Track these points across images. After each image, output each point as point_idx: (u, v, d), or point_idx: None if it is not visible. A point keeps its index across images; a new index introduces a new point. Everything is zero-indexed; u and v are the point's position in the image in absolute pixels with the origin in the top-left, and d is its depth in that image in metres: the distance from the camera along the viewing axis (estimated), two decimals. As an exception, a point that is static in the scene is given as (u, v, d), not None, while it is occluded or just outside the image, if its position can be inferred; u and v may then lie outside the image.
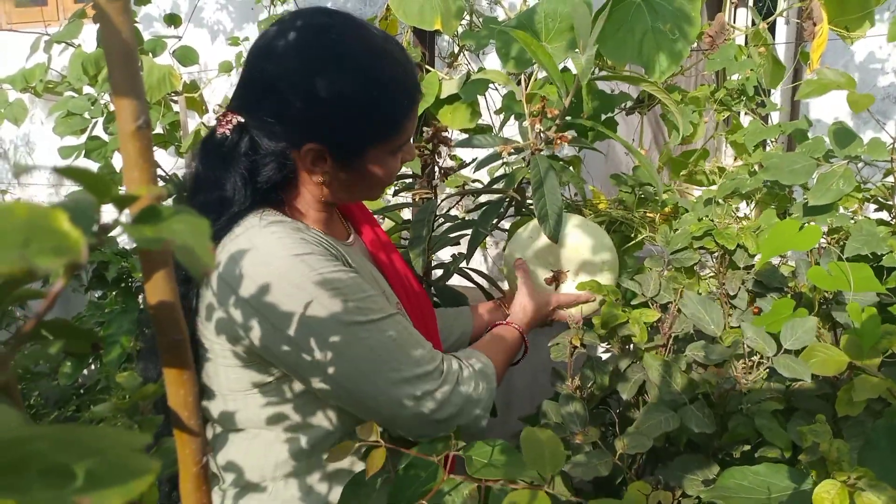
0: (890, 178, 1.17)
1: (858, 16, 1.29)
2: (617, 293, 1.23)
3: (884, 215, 1.23)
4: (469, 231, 1.31)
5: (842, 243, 1.14)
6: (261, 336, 0.81)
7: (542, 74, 1.37)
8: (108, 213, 0.26)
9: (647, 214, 1.38)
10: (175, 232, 0.21)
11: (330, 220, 0.98)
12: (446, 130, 1.43)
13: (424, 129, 1.42)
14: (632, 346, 1.19)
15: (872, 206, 1.24)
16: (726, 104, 1.48)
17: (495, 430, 1.07)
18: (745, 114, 1.48)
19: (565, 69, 1.29)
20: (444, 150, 1.42)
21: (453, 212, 1.75)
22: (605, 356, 1.25)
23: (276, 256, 0.81)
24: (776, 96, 2.29)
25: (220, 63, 2.12)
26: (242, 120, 0.86)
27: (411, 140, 0.95)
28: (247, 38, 2.14)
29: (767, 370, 0.99)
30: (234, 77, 2.50)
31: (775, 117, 2.14)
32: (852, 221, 1.09)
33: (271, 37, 0.85)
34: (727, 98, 1.40)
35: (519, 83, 1.36)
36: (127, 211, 0.26)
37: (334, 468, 0.89)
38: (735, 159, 1.64)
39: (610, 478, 1.01)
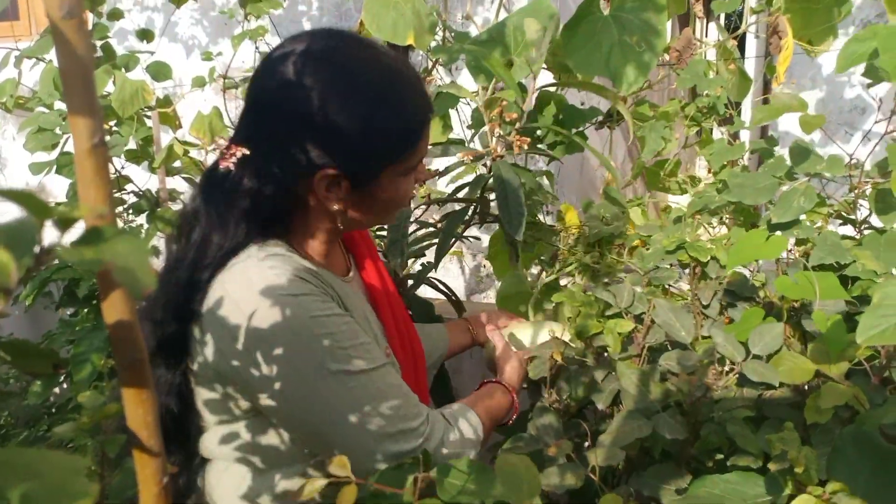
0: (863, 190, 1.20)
1: (822, 28, 1.32)
2: (593, 305, 1.24)
3: (849, 230, 1.25)
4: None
5: (808, 254, 1.16)
6: (242, 372, 0.79)
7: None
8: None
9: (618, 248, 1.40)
10: (116, 254, 0.20)
11: (332, 253, 0.96)
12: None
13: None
14: (606, 355, 1.20)
15: (839, 222, 1.27)
16: (696, 120, 1.50)
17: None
18: (716, 129, 1.51)
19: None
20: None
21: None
22: (574, 368, 1.26)
23: (269, 293, 0.79)
24: (746, 108, 2.33)
25: (194, 78, 2.12)
26: (248, 152, 0.82)
27: (423, 160, 0.94)
28: (220, 53, 2.13)
29: (738, 376, 1.01)
30: (209, 92, 2.49)
31: (746, 130, 2.17)
32: (817, 234, 1.11)
33: (276, 62, 0.82)
34: (697, 114, 1.43)
35: (484, 90, 1.37)
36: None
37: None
38: (709, 171, 1.67)
39: (584, 489, 1.01)
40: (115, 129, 1.91)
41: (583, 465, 0.98)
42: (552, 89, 1.41)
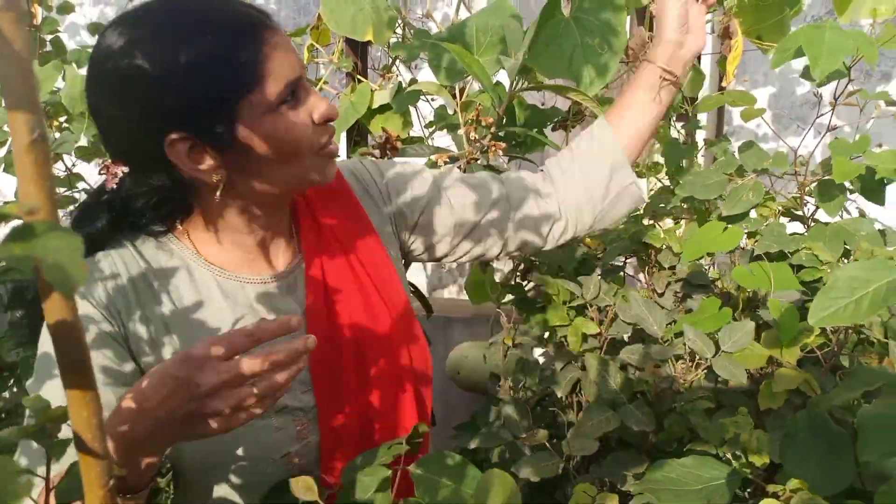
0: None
1: (773, 24, 1.35)
2: (565, 294, 1.26)
3: (799, 226, 1.29)
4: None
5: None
6: None
7: (476, 87, 1.39)
8: None
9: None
10: (47, 250, 0.20)
11: (248, 249, 0.85)
12: (398, 138, 1.42)
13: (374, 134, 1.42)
14: (564, 346, 1.22)
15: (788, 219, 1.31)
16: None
17: (436, 440, 1.08)
18: (673, 127, 1.54)
19: (498, 82, 1.31)
20: (391, 156, 1.42)
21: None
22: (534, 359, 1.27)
23: None
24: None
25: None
26: (126, 169, 0.76)
27: (303, 88, 0.79)
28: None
29: (705, 370, 1.03)
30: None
31: (704, 122, 2.20)
32: (765, 225, 1.15)
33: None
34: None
35: (454, 95, 1.37)
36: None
37: None
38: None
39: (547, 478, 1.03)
40: (65, 125, 1.85)
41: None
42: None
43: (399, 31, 1.54)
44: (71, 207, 2.21)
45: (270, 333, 0.64)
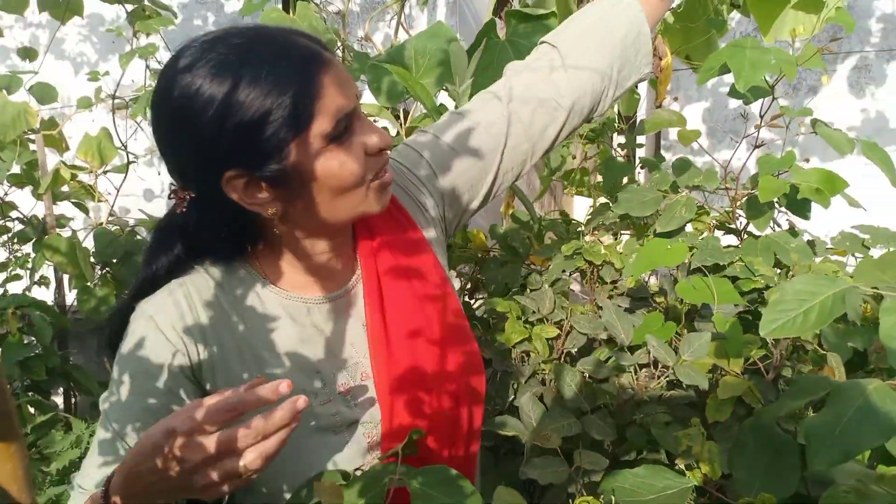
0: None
1: (699, 42, 1.40)
2: (518, 311, 1.27)
3: (733, 239, 1.34)
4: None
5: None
6: None
7: (421, 109, 1.39)
8: None
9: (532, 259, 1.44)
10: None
11: (314, 269, 0.87)
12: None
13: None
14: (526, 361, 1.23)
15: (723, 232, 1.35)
16: (595, 134, 1.56)
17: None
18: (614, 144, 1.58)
19: (442, 105, 1.32)
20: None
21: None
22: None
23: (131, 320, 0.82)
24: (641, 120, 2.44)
25: (79, 99, 2.01)
26: (193, 195, 0.78)
27: (358, 118, 0.79)
28: (107, 73, 2.03)
29: (667, 380, 1.05)
30: (100, 112, 2.38)
31: (642, 141, 2.26)
32: (700, 238, 1.18)
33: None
34: (590, 133, 1.48)
35: (397, 117, 1.37)
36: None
37: None
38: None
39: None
40: (-5, 153, 1.79)
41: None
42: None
43: (339, 53, 1.53)
44: (4, 237, 2.12)
45: (255, 403, 0.65)
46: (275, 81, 0.72)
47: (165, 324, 0.80)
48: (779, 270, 1.18)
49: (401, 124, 1.27)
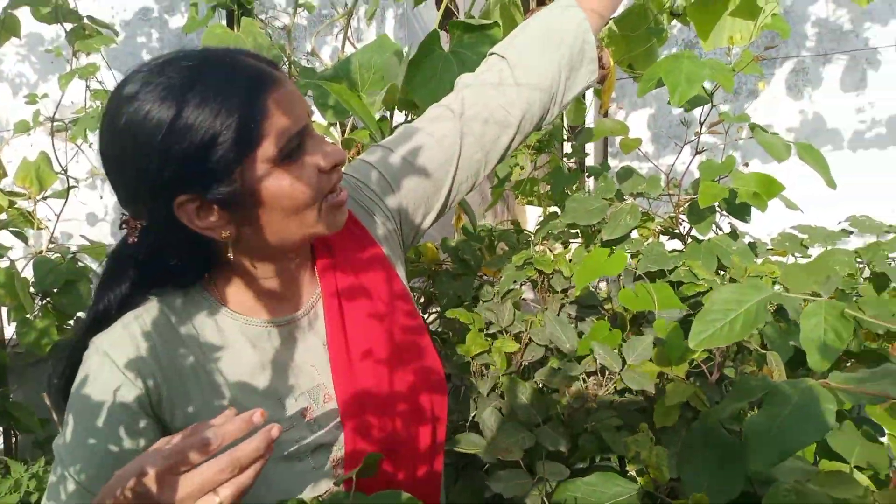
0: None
1: (641, 51, 1.43)
2: (481, 323, 1.28)
3: (678, 243, 1.36)
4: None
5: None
6: None
7: (361, 123, 1.39)
8: None
9: (484, 270, 1.45)
10: None
11: (270, 293, 0.86)
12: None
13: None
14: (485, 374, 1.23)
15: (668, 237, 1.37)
16: (542, 144, 1.58)
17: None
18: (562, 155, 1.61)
19: (383, 118, 1.32)
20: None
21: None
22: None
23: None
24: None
25: (16, 123, 1.95)
26: (145, 223, 0.77)
27: (310, 136, 0.78)
28: (45, 95, 1.98)
29: (617, 388, 1.06)
30: (40, 135, 2.31)
31: (590, 149, 2.30)
32: (646, 245, 1.20)
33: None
34: (538, 143, 1.50)
35: (344, 132, 1.37)
36: None
37: None
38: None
39: None
40: None
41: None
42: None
43: (285, 69, 1.52)
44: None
45: (230, 437, 0.64)
46: (223, 103, 0.72)
47: (121, 359, 0.78)
48: (723, 272, 1.21)
49: (338, 138, 1.27)
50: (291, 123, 0.75)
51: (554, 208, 1.63)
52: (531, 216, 2.70)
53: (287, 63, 1.51)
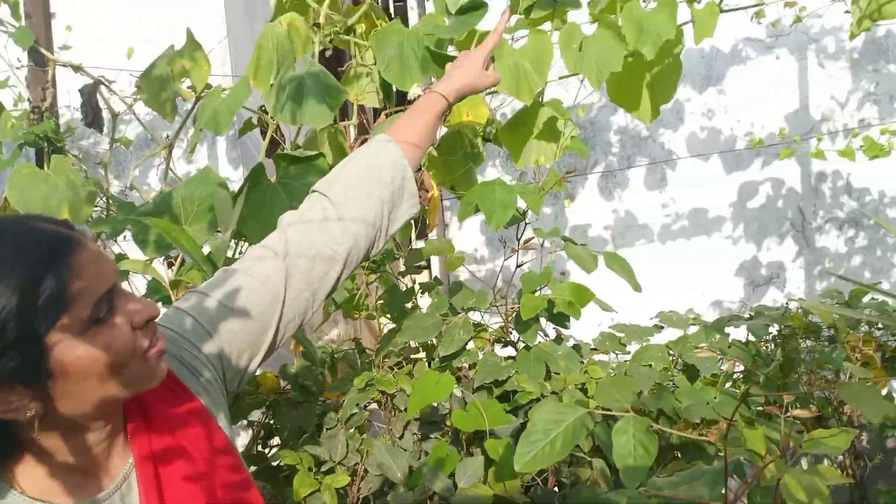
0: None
1: (460, 173, 1.53)
2: (309, 461, 1.23)
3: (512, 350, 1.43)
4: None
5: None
6: None
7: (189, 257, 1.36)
8: None
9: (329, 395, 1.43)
10: None
11: (80, 470, 0.78)
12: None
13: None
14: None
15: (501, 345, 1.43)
16: (375, 264, 1.61)
17: None
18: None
19: (209, 253, 1.29)
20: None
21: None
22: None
23: None
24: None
25: None
26: None
27: (118, 294, 0.75)
28: None
29: None
30: None
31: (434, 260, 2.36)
32: (480, 356, 1.25)
33: None
34: (372, 264, 1.54)
35: (171, 265, 1.32)
36: None
37: None
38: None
39: None
40: None
41: None
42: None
43: (101, 204, 1.47)
44: None
45: None
46: (21, 275, 0.68)
47: None
48: (554, 375, 1.27)
49: (166, 278, 1.23)
50: (99, 284, 0.72)
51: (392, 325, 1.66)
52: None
53: (104, 198, 1.46)
